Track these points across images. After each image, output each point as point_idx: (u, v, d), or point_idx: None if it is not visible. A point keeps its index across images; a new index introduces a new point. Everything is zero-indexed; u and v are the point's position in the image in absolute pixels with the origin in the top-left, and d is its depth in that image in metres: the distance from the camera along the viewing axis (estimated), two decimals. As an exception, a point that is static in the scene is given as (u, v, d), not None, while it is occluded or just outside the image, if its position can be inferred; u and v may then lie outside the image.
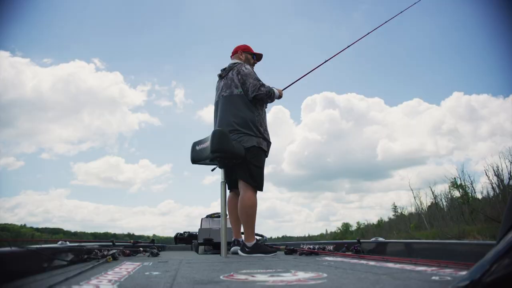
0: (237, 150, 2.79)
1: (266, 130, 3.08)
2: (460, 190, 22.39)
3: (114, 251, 2.30)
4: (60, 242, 2.09)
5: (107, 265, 1.83)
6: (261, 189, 2.97)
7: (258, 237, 3.76)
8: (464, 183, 22.35)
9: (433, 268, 1.43)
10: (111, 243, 2.97)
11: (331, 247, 2.87)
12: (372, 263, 1.80)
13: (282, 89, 3.34)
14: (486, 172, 20.01)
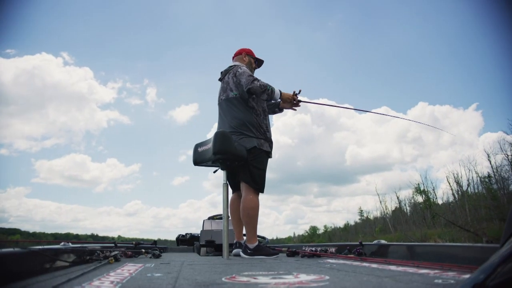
0: (239, 151, 2.79)
1: (267, 131, 3.07)
2: (423, 195, 23.42)
3: (116, 252, 2.30)
4: (62, 243, 2.09)
5: (109, 266, 1.83)
6: (262, 191, 2.96)
7: (259, 239, 3.76)
8: (427, 189, 23.44)
9: (436, 271, 1.42)
10: (113, 245, 2.98)
11: (333, 250, 2.86)
12: (374, 265, 1.79)
13: (297, 98, 3.12)
14: (447, 179, 21.17)
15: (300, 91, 3.12)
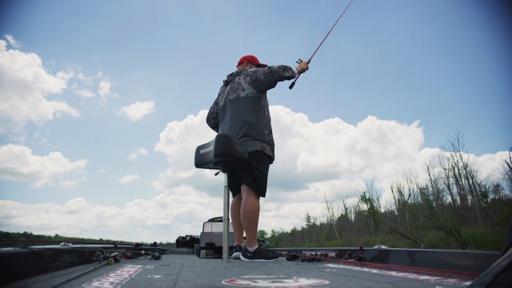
0: (241, 154, 2.79)
1: (270, 133, 3.09)
2: (368, 204, 24.77)
3: (116, 253, 2.30)
4: (62, 243, 2.10)
5: (109, 267, 1.83)
6: (263, 195, 2.96)
7: (259, 243, 3.75)
8: (371, 197, 24.72)
9: (437, 278, 1.41)
10: (113, 245, 2.98)
11: (333, 254, 2.85)
12: (374, 271, 1.79)
13: (306, 61, 3.32)
14: (391, 188, 22.42)
15: (300, 59, 3.33)
